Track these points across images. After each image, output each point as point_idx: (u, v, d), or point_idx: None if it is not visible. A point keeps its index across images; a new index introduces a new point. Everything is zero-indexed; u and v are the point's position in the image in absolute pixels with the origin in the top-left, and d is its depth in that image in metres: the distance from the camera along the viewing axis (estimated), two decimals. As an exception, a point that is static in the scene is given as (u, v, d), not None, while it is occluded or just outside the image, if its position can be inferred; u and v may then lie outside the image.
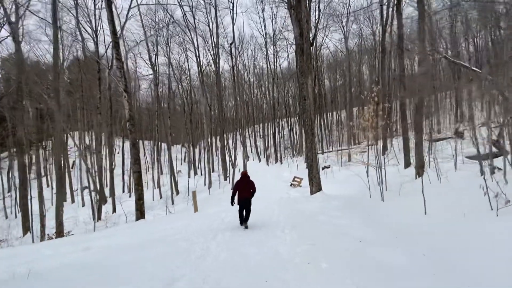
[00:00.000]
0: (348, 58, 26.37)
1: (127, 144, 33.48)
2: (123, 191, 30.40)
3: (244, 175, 6.67)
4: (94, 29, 16.70)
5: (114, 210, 17.14)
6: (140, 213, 10.33)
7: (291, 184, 15.11)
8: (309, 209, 8.14)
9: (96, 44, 16.01)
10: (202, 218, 8.45)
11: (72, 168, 34.36)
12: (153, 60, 19.55)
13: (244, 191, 6.48)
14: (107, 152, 24.22)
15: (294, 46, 31.39)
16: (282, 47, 30.57)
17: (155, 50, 20.23)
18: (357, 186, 12.80)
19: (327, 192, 11.02)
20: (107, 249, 6.30)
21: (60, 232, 12.41)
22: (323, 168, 18.75)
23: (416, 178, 10.85)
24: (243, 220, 6.51)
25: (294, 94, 48.75)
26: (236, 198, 6.52)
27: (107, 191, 27.81)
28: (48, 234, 13.34)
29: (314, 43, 21.96)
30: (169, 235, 6.62)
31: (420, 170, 11.01)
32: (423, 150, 12.80)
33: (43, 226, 11.61)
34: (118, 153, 40.34)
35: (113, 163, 25.93)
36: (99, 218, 15.51)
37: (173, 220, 8.73)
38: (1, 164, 29.51)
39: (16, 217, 20.65)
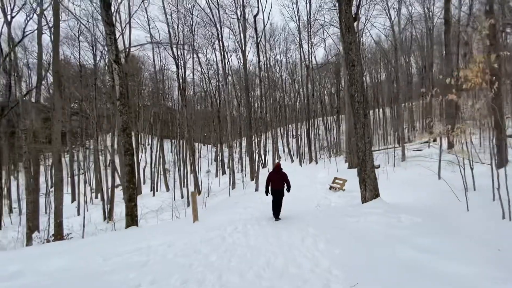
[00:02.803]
0: (394, 39, 21.58)
1: (157, 142, 32.49)
2: (151, 190, 29.11)
3: (278, 166, 6.62)
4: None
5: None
6: (130, 219, 7.73)
7: (331, 187, 11.50)
8: (366, 230, 4.68)
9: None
10: (198, 232, 5.47)
11: (108, 165, 34.51)
12: (174, 49, 17.50)
13: (277, 182, 6.40)
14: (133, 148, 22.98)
15: (331, 30, 27.28)
16: (316, 33, 26.63)
17: (178, 39, 18.11)
18: (428, 191, 8.80)
19: (386, 199, 7.29)
20: (30, 281, 3.89)
21: (58, 234, 10.49)
22: (370, 169, 14.66)
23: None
24: (275, 213, 6.38)
25: (330, 90, 44.26)
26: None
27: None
28: (53, 235, 11.66)
29: (357, 20, 17.95)
30: (121, 268, 3.75)
31: (545, 170, 6.73)
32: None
33: (31, 227, 9.71)
34: (154, 151, 40.03)
35: (139, 159, 24.61)
36: (110, 218, 13.55)
37: (160, 233, 5.90)
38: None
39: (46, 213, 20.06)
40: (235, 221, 6.28)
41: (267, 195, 6.52)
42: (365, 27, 26.77)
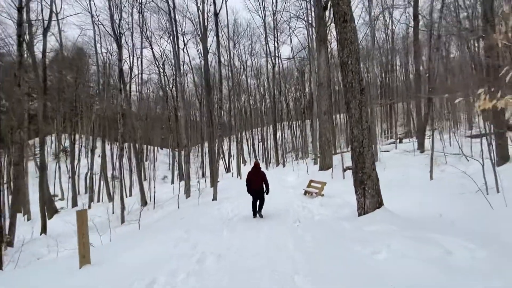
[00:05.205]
0: (357, 43, 20.79)
1: (92, 143, 27.21)
2: (98, 200, 23.90)
3: (256, 165, 6.44)
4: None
5: (43, 230, 11.01)
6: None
7: (306, 192, 9.12)
8: (410, 282, 2.16)
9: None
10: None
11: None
12: (116, 27, 13.89)
13: (256, 182, 6.17)
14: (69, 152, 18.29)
15: (297, 31, 25.86)
16: (282, 27, 25.12)
17: (120, 16, 14.48)
18: (428, 195, 6.89)
19: (394, 210, 4.99)
20: None
21: None
22: (344, 170, 12.86)
23: None
24: (257, 211, 6.15)
25: (294, 95, 43.25)
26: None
27: (65, 202, 21.66)
28: None
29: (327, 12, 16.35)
30: None
31: None
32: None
33: None
34: (99, 156, 34.17)
35: (75, 165, 19.85)
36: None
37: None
38: None
39: None
40: (161, 260, 3.36)
41: (249, 193, 6.26)
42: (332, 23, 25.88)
